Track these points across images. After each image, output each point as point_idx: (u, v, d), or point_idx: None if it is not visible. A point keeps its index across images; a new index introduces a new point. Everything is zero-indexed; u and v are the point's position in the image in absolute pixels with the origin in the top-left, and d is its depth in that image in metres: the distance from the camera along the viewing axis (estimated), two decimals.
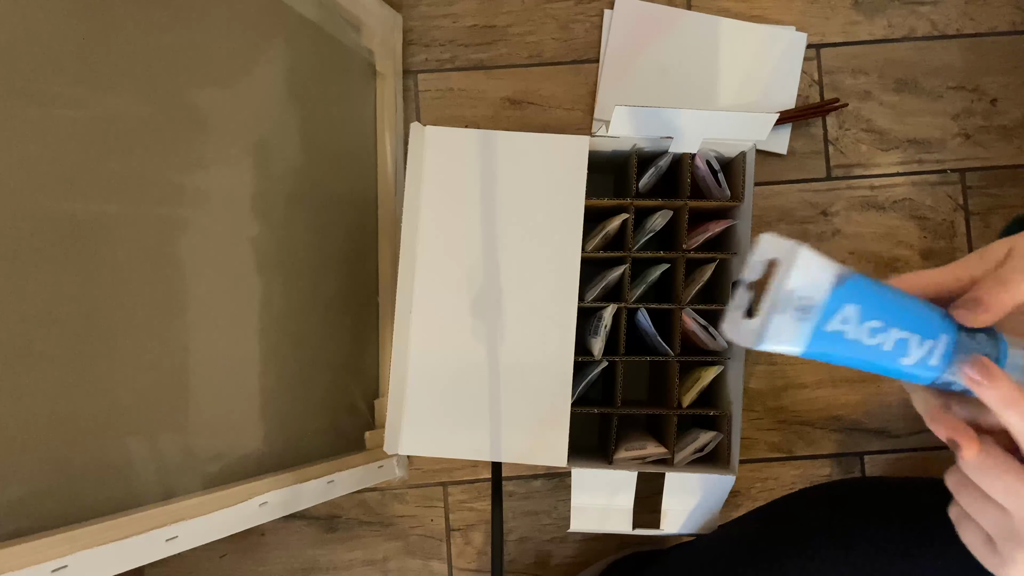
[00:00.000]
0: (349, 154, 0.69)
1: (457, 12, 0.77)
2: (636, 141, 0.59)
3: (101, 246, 0.43)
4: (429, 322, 0.56)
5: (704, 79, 0.76)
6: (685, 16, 0.76)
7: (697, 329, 0.59)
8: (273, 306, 0.57)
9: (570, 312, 0.56)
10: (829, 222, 0.77)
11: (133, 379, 0.45)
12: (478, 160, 0.57)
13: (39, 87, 0.38)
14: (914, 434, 0.76)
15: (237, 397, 0.54)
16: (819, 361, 0.79)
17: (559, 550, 0.76)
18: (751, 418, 0.77)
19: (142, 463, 0.46)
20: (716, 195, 0.61)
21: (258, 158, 0.55)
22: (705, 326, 0.59)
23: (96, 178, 0.42)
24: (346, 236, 0.68)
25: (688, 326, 0.59)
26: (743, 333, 0.30)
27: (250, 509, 0.53)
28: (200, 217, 0.50)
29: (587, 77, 0.77)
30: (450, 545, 0.76)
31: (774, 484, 0.76)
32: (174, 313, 0.48)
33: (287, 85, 0.58)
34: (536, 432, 0.55)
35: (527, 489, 0.76)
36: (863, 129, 0.77)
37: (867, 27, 0.77)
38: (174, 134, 0.47)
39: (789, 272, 0.29)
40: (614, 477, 0.56)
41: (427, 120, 0.77)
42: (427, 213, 0.57)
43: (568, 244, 0.56)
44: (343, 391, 0.68)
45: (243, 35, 0.53)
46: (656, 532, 0.58)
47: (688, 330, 0.60)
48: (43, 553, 0.38)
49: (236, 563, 0.75)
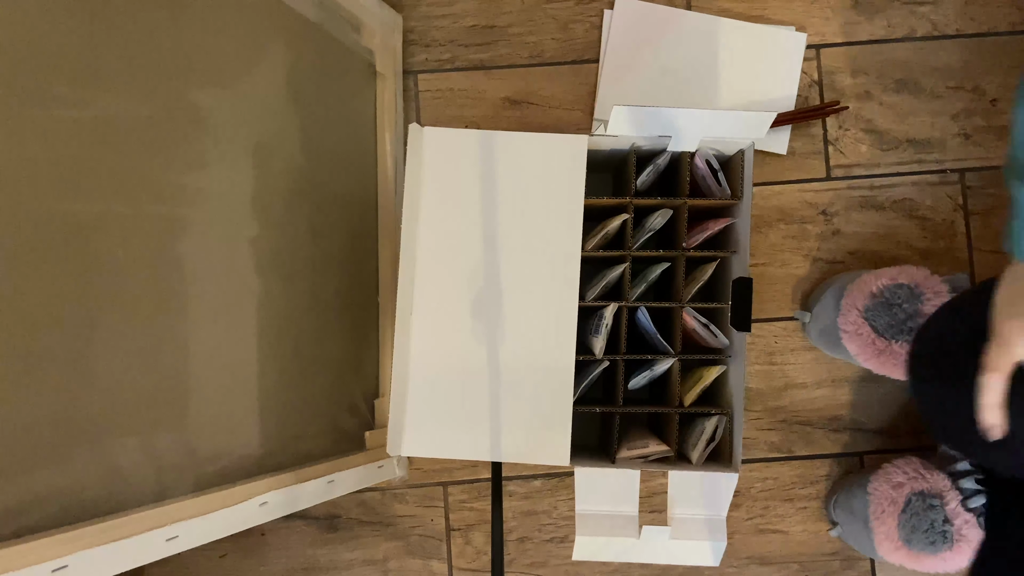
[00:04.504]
0: (349, 154, 0.69)
1: (457, 12, 0.77)
2: (635, 140, 0.59)
3: (101, 246, 0.43)
4: (429, 322, 0.56)
5: (704, 79, 0.76)
6: (685, 16, 0.76)
7: (698, 327, 0.59)
8: (273, 306, 0.57)
9: (571, 311, 0.56)
10: (829, 222, 0.77)
11: (133, 379, 0.45)
12: (478, 160, 0.57)
13: (39, 87, 0.38)
14: (913, 434, 0.76)
15: (237, 397, 0.54)
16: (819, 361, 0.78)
17: (559, 550, 0.76)
18: (751, 418, 0.77)
19: (142, 463, 0.46)
20: (716, 194, 0.61)
21: (258, 158, 0.55)
22: (706, 324, 0.59)
23: (96, 178, 0.42)
24: (346, 236, 0.68)
25: (689, 324, 0.59)
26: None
27: (250, 509, 0.53)
28: (200, 217, 0.50)
29: (587, 77, 0.77)
30: (450, 545, 0.76)
31: (774, 484, 0.77)
32: (174, 313, 0.48)
33: (287, 85, 0.58)
34: (538, 431, 0.55)
35: (527, 489, 0.76)
36: (863, 129, 0.77)
37: (867, 27, 0.77)
38: (174, 134, 0.47)
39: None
40: (617, 483, 0.56)
41: (427, 120, 0.77)
42: (427, 213, 0.57)
43: (568, 243, 0.56)
44: (343, 391, 0.68)
45: (243, 35, 0.53)
46: (663, 562, 0.58)
47: (689, 328, 0.60)
48: (43, 553, 0.38)
49: (236, 563, 0.75)
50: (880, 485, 0.67)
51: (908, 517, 0.64)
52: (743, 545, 0.77)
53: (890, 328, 0.64)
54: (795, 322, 0.77)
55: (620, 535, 0.56)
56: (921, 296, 0.64)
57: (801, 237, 0.77)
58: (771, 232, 0.77)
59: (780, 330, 0.77)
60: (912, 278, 0.65)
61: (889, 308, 0.64)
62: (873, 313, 0.65)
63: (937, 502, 0.63)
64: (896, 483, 0.66)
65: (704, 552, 0.57)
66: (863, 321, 0.65)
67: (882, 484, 0.67)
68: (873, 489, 0.67)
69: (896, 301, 0.64)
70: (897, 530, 0.64)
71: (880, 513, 0.66)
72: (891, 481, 0.66)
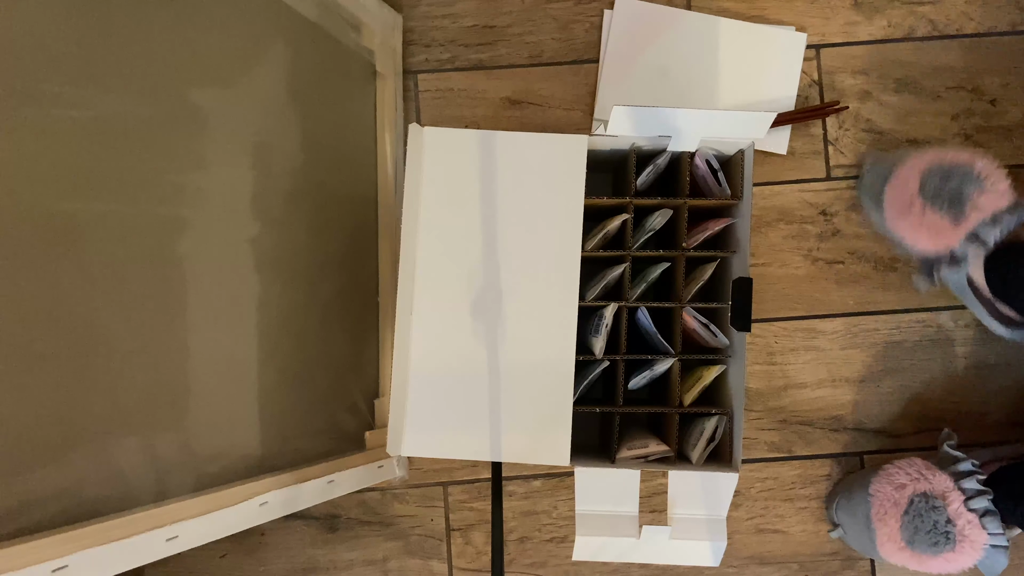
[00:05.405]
0: (349, 154, 0.69)
1: (457, 12, 0.77)
2: (635, 140, 0.59)
3: (101, 246, 0.43)
4: (429, 322, 0.56)
5: (704, 79, 0.76)
6: (685, 16, 0.76)
7: (698, 327, 0.59)
8: (273, 306, 0.57)
9: (571, 311, 0.56)
10: (829, 222, 0.77)
11: (133, 379, 0.45)
12: (478, 160, 0.57)
13: (39, 87, 0.38)
14: (914, 434, 0.76)
15: (237, 397, 0.54)
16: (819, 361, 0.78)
17: (559, 550, 0.76)
18: (751, 418, 0.77)
19: (142, 463, 0.46)
20: (716, 194, 0.61)
21: (258, 158, 0.55)
22: (706, 324, 0.59)
23: (96, 178, 0.42)
24: (346, 236, 0.68)
25: (689, 324, 0.59)
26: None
27: (250, 509, 0.53)
28: (200, 217, 0.50)
29: (587, 77, 0.77)
30: (450, 545, 0.76)
31: (774, 484, 0.77)
32: (174, 313, 0.48)
33: (287, 85, 0.58)
34: (538, 431, 0.55)
35: (527, 489, 0.76)
36: (863, 129, 0.77)
37: (867, 27, 0.77)
38: (174, 134, 0.47)
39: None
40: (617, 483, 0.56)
41: (427, 120, 0.77)
42: (427, 213, 0.57)
43: (568, 243, 0.56)
44: (343, 391, 0.68)
45: (243, 35, 0.53)
46: (663, 562, 0.58)
47: (689, 328, 0.60)
48: (43, 553, 0.38)
49: (236, 563, 0.75)
50: (882, 486, 0.67)
51: (911, 518, 0.64)
52: (743, 545, 0.77)
53: (936, 195, 0.65)
54: (795, 322, 0.77)
55: (620, 535, 0.56)
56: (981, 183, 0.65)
57: (801, 237, 0.77)
58: (771, 232, 0.77)
59: (780, 330, 0.77)
60: (983, 168, 0.65)
61: (946, 177, 0.65)
62: (928, 175, 0.66)
63: (940, 503, 0.63)
64: (898, 484, 0.66)
65: (704, 552, 0.57)
66: (916, 177, 0.66)
67: (884, 485, 0.67)
68: (875, 490, 0.67)
69: (956, 174, 0.65)
70: (900, 531, 0.64)
71: (882, 514, 0.66)
72: (893, 482, 0.66)
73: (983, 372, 0.76)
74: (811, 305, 0.77)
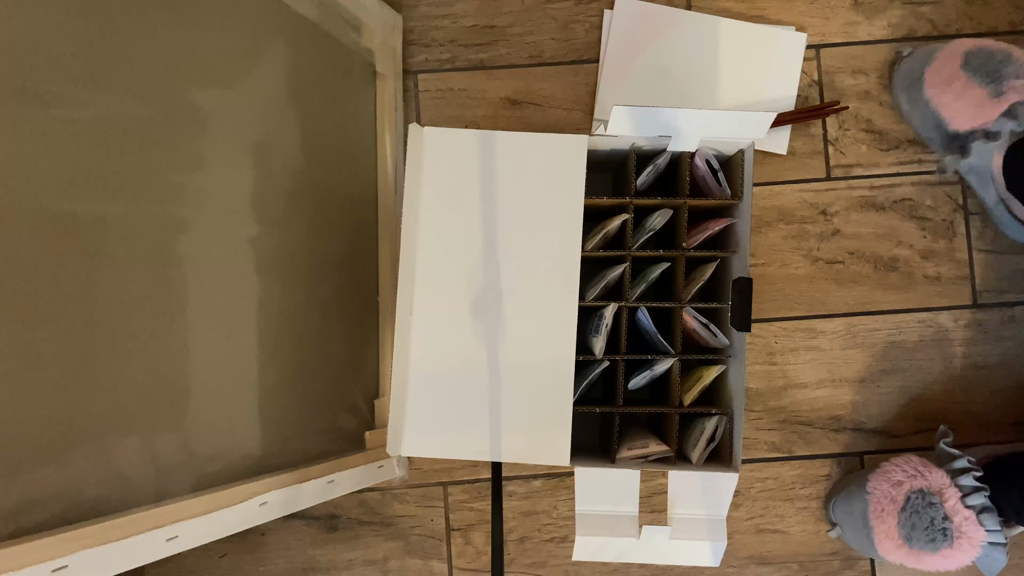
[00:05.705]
0: (349, 154, 0.69)
1: (457, 12, 0.77)
2: (635, 140, 0.59)
3: (102, 246, 0.43)
4: (429, 322, 0.56)
5: (704, 79, 0.76)
6: (685, 16, 0.76)
7: (698, 327, 0.59)
8: (273, 306, 0.57)
9: (571, 311, 0.56)
10: (829, 222, 0.77)
11: (133, 379, 0.45)
12: (477, 160, 0.57)
13: (39, 87, 0.38)
14: (914, 434, 0.77)
15: (237, 397, 0.54)
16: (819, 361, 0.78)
17: (559, 550, 0.76)
18: (751, 418, 0.77)
19: (142, 463, 0.46)
20: (716, 194, 0.61)
21: (258, 158, 0.55)
22: (706, 324, 0.59)
23: (96, 178, 0.42)
24: (346, 236, 0.68)
25: (689, 324, 0.59)
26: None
27: (250, 509, 0.53)
28: (200, 217, 0.50)
29: (587, 77, 0.77)
30: (450, 545, 0.76)
31: (774, 484, 0.77)
32: (174, 313, 0.48)
33: (287, 85, 0.58)
34: (538, 432, 0.55)
35: (527, 489, 0.76)
36: (863, 129, 0.77)
37: (867, 27, 0.77)
38: (174, 134, 0.47)
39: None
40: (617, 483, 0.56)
41: (427, 120, 0.77)
42: (427, 213, 0.57)
43: (568, 243, 0.56)
44: (343, 391, 0.68)
45: (243, 35, 0.53)
46: (663, 562, 0.58)
47: (689, 328, 0.60)
48: (43, 553, 0.38)
49: (236, 563, 0.75)
50: (879, 484, 0.67)
51: (908, 515, 0.64)
52: (743, 545, 0.77)
53: (978, 70, 0.69)
54: (795, 322, 0.77)
55: (620, 535, 0.56)
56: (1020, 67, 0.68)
57: (801, 237, 0.77)
58: (771, 232, 0.77)
59: (780, 330, 0.77)
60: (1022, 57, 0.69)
61: (988, 57, 0.69)
62: (970, 55, 0.69)
63: (936, 499, 0.63)
64: (895, 481, 0.66)
65: (704, 552, 0.57)
66: (959, 56, 0.69)
67: (881, 483, 0.67)
68: (872, 488, 0.67)
69: (997, 55, 0.69)
70: (897, 528, 0.64)
71: (880, 512, 0.66)
72: (890, 480, 0.66)
73: (983, 372, 0.76)
74: (811, 305, 0.77)
